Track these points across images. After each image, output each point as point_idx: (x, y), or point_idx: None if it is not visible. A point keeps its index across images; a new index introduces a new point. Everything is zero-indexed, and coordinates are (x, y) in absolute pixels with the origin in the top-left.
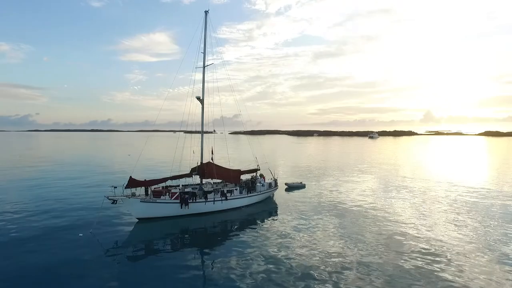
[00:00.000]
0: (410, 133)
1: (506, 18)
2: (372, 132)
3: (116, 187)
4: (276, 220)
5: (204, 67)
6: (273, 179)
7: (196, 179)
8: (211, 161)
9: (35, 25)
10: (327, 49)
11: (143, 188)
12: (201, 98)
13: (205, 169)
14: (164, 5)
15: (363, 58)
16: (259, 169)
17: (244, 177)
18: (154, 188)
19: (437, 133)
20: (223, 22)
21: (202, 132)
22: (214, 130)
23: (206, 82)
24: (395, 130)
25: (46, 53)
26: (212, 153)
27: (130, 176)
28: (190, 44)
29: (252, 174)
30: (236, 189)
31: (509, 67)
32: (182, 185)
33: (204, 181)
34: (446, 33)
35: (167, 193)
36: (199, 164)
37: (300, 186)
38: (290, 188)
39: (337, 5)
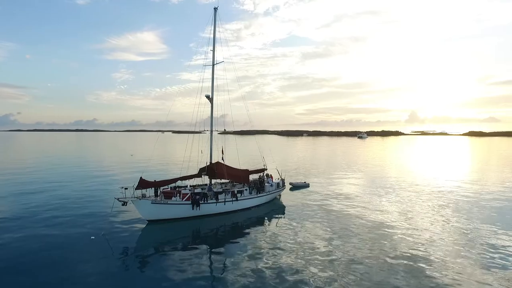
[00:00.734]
0: (397, 133)
1: (494, 21)
2: (361, 132)
3: (126, 188)
4: (286, 220)
5: (213, 65)
6: (280, 178)
7: (204, 179)
8: (221, 161)
9: (18, 22)
10: (315, 50)
11: (151, 188)
12: (210, 96)
13: (215, 169)
14: (152, 4)
15: (350, 59)
16: (266, 169)
17: (251, 177)
18: (163, 189)
19: (423, 133)
20: (211, 22)
21: (211, 132)
22: (225, 130)
23: (193, 82)
24: (383, 130)
25: (29, 51)
26: (222, 152)
27: (141, 177)
28: (178, 43)
29: (259, 174)
30: (246, 190)
31: (494, 69)
32: (190, 186)
33: (212, 181)
34: (433, 35)
35: (177, 194)
36: (208, 164)
37: (304, 186)
38: (295, 187)
39: (325, 6)
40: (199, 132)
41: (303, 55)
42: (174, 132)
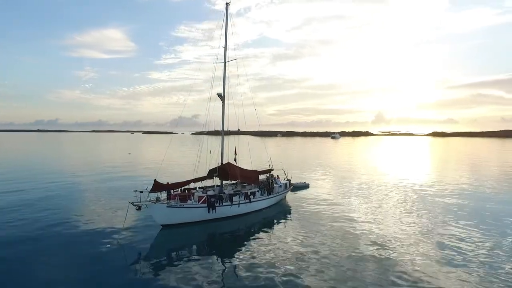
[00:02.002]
0: (367, 134)
1: (450, 29)
2: (334, 132)
3: (142, 192)
4: (296, 222)
5: (225, 62)
6: (286, 179)
7: (214, 180)
8: (233, 161)
9: None
10: (285, 51)
11: (163, 191)
12: (222, 95)
13: (227, 170)
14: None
15: (320, 61)
16: (273, 169)
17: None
18: (174, 192)
19: (390, 133)
20: (181, 20)
21: (223, 133)
22: (239, 130)
23: (163, 81)
24: (354, 131)
25: None
26: (235, 153)
27: (155, 179)
28: (146, 41)
29: (266, 175)
30: (258, 191)
31: (450, 74)
32: (199, 188)
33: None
34: (395, 40)
35: (192, 197)
36: (219, 165)
37: (305, 186)
38: (295, 188)
39: (295, 9)
40: (172, 133)
41: (274, 57)
42: (144, 132)
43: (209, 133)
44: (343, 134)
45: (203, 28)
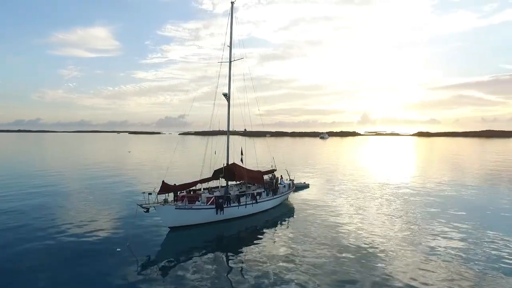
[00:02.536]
0: (354, 134)
1: (433, 31)
2: (322, 133)
3: (150, 194)
4: (301, 222)
5: (230, 61)
6: (289, 179)
7: (217, 181)
8: (240, 162)
9: None
10: (273, 52)
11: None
12: (227, 95)
13: (234, 171)
14: None
15: (307, 61)
16: (276, 170)
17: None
18: (180, 193)
19: (377, 133)
20: (168, 20)
21: (228, 133)
22: (245, 130)
23: (149, 81)
24: (341, 131)
25: None
26: (242, 153)
27: (163, 181)
28: (132, 40)
29: (269, 175)
30: (264, 192)
31: (432, 75)
32: (204, 189)
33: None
34: (380, 42)
35: (199, 198)
36: (225, 165)
37: (305, 186)
38: (296, 188)
39: (282, 10)
40: (159, 133)
41: (261, 57)
42: (130, 132)
43: (196, 133)
44: (331, 134)
45: (190, 28)
